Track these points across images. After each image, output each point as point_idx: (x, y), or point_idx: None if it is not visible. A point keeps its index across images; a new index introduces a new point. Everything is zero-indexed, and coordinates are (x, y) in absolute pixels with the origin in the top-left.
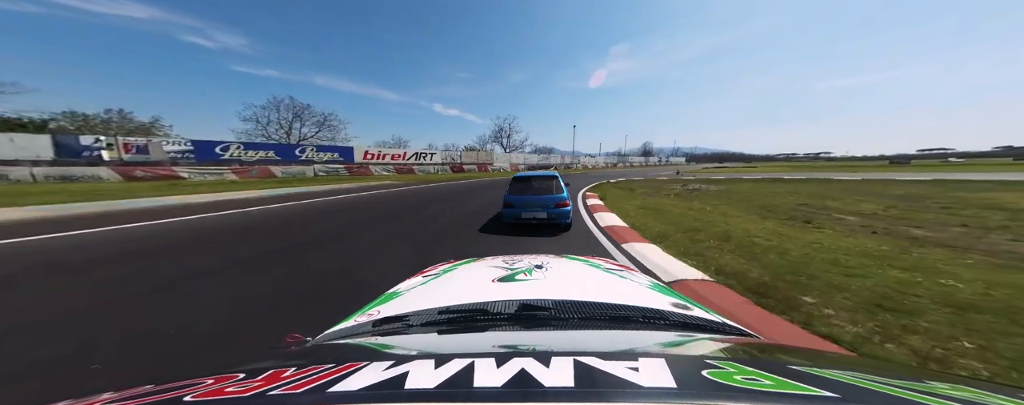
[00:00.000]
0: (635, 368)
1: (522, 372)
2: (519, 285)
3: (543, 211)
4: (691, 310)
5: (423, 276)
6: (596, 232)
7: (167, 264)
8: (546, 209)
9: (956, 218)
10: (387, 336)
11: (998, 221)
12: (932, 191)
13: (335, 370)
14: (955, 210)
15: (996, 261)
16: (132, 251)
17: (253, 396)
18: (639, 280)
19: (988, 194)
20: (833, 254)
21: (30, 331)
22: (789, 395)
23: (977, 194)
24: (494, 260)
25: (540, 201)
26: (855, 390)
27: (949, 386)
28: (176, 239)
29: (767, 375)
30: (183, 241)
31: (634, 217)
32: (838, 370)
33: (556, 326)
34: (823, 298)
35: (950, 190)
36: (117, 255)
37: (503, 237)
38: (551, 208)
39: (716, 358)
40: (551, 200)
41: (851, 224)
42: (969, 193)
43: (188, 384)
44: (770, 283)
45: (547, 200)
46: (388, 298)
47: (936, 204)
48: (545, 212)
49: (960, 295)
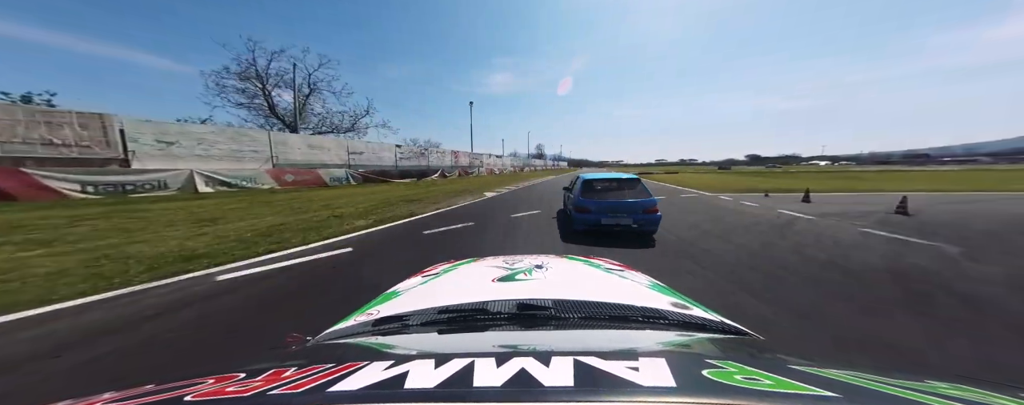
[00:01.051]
0: (635, 368)
1: (522, 372)
2: (519, 285)
3: (629, 217)
4: (691, 310)
5: (423, 276)
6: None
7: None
8: (633, 215)
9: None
10: (387, 336)
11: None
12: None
13: (335, 370)
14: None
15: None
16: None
17: (253, 396)
18: (639, 280)
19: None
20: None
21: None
22: (789, 395)
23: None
24: (494, 260)
25: (625, 205)
26: (855, 390)
27: (949, 386)
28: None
29: (767, 374)
30: None
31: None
32: (838, 370)
33: (556, 326)
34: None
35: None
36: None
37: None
38: (639, 214)
39: (716, 357)
40: (638, 205)
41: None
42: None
43: (189, 384)
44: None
45: (634, 205)
46: (388, 298)
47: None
48: (631, 218)
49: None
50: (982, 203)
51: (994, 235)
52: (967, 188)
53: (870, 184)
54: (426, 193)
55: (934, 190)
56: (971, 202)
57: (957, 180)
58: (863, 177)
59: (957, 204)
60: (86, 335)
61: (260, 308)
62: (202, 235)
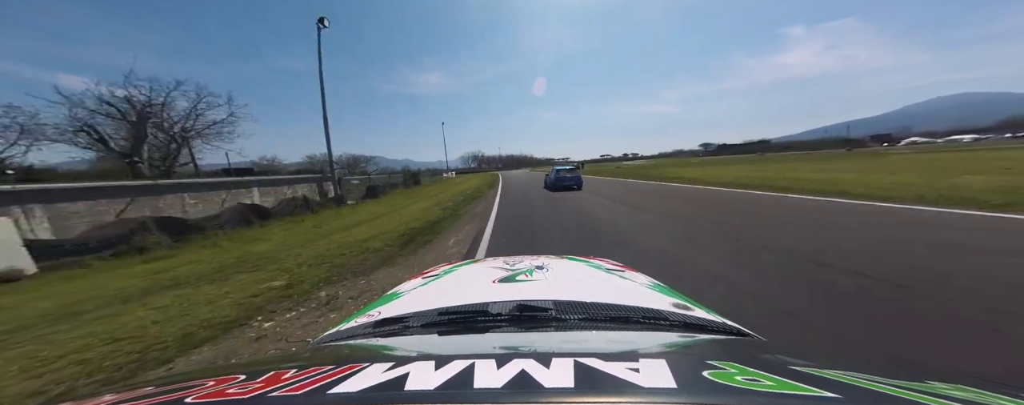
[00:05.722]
0: (636, 369)
1: (522, 373)
2: (520, 286)
3: (571, 182)
4: (692, 310)
5: (424, 277)
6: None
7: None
8: (573, 181)
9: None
10: (388, 337)
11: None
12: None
13: (336, 372)
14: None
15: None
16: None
17: (254, 397)
18: (639, 280)
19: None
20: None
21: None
22: (790, 395)
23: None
24: (495, 261)
25: (570, 178)
26: (856, 390)
27: (950, 386)
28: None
29: (768, 375)
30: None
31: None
32: (839, 370)
33: (557, 327)
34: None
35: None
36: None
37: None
38: (574, 180)
39: (717, 358)
40: (574, 178)
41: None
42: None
43: (189, 385)
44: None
45: (573, 178)
46: (389, 299)
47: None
48: (573, 182)
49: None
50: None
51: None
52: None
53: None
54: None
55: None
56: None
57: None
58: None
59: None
60: None
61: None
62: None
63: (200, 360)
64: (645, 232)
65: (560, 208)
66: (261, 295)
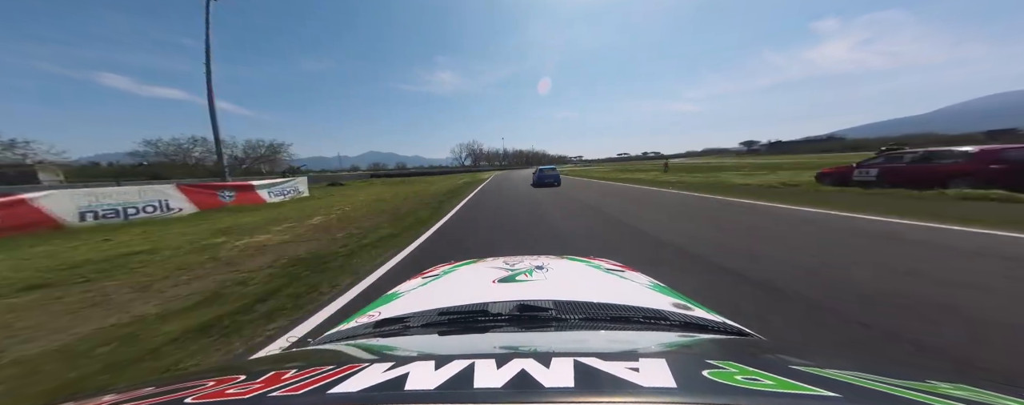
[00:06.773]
0: (635, 368)
1: (522, 373)
2: (520, 286)
3: (551, 179)
4: (692, 310)
5: (424, 277)
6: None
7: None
8: (552, 178)
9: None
10: (388, 337)
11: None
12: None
13: (336, 372)
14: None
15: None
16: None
17: (254, 397)
18: (639, 280)
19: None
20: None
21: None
22: (790, 395)
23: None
24: (495, 261)
25: (550, 176)
26: (856, 390)
27: (951, 386)
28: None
29: (768, 375)
30: None
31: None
32: (839, 370)
33: (557, 327)
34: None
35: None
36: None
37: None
38: (554, 177)
39: (717, 358)
40: (554, 175)
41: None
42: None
43: (189, 385)
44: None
45: (553, 175)
46: (389, 299)
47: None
48: (552, 179)
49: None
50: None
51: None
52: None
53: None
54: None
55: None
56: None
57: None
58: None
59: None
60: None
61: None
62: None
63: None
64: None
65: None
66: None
